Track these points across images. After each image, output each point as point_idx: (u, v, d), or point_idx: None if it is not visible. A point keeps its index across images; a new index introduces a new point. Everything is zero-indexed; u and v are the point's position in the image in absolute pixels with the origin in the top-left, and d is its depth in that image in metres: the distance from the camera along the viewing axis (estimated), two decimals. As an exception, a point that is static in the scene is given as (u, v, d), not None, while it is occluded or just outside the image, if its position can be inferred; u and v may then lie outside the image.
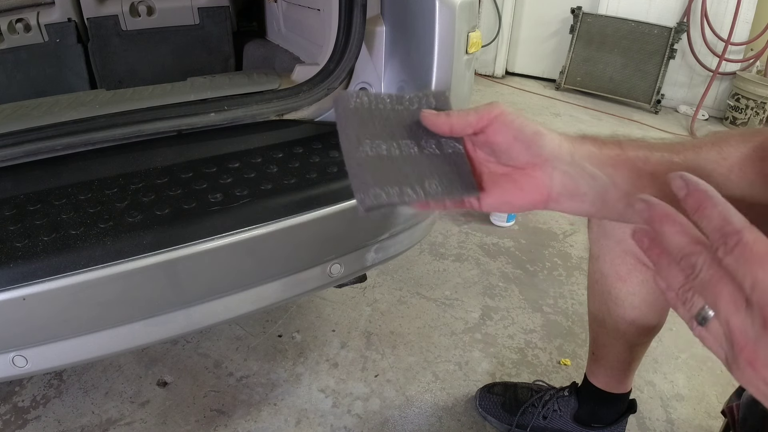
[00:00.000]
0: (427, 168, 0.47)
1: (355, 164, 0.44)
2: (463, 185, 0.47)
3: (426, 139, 0.48)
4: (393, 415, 1.20)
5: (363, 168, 0.44)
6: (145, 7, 1.62)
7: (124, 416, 1.15)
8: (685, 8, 3.44)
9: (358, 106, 0.47)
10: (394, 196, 0.44)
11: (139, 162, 0.90)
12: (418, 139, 0.48)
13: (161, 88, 1.12)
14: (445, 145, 0.48)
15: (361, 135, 0.46)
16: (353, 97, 0.47)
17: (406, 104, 0.49)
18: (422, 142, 0.48)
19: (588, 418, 1.10)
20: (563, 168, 0.45)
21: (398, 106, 0.48)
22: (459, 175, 0.47)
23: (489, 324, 1.50)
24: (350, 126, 0.46)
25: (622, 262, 0.90)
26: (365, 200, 0.43)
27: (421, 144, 0.48)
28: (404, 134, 0.48)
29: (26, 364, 0.74)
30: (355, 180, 0.44)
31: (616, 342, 0.98)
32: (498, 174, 0.48)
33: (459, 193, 0.47)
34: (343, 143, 0.45)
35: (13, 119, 0.92)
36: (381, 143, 0.46)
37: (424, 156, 0.47)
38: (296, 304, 1.51)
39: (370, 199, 0.43)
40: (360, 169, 0.44)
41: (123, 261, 0.72)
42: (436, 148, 0.48)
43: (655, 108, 3.58)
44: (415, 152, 0.47)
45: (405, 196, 0.44)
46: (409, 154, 0.47)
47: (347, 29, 1.01)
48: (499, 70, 4.22)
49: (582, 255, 1.86)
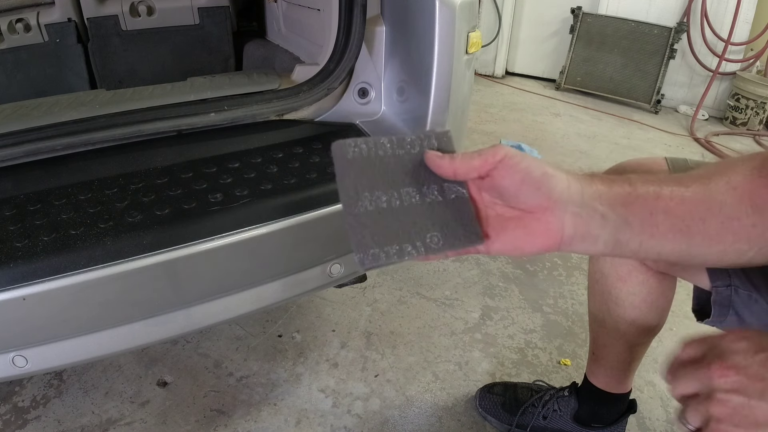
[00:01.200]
0: (429, 219, 0.46)
1: (354, 221, 0.44)
2: (467, 234, 0.46)
3: (428, 184, 0.47)
4: (393, 415, 1.20)
5: (362, 225, 0.44)
6: (145, 7, 1.62)
7: (124, 416, 1.15)
8: (685, 8, 3.44)
9: (356, 156, 0.46)
10: (393, 256, 0.43)
11: (139, 162, 0.90)
12: (419, 186, 0.47)
13: (161, 88, 1.12)
14: (448, 191, 0.47)
15: (359, 187, 0.45)
16: (351, 147, 0.46)
17: (407, 148, 0.47)
18: (424, 188, 0.47)
19: (588, 418, 1.10)
20: (574, 210, 0.44)
21: (399, 150, 0.47)
22: (462, 224, 0.46)
23: (489, 324, 1.50)
24: (348, 178, 0.45)
25: (623, 263, 0.90)
26: (364, 261, 0.43)
27: (423, 191, 0.47)
28: (405, 181, 0.46)
29: (26, 364, 0.74)
30: (354, 238, 0.44)
31: (616, 342, 0.98)
32: (506, 218, 0.47)
33: (462, 244, 0.46)
34: (341, 196, 0.45)
35: (13, 119, 0.92)
36: (381, 194, 0.45)
37: (426, 205, 0.46)
38: (296, 304, 1.51)
39: (369, 260, 0.43)
40: (359, 226, 0.44)
41: (123, 261, 0.72)
42: (438, 194, 0.47)
43: (655, 108, 3.58)
44: (417, 201, 0.46)
45: (404, 254, 0.44)
46: (411, 204, 0.46)
47: (347, 29, 1.01)
48: (499, 70, 4.22)
49: (582, 255, 1.86)
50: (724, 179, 0.46)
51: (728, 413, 0.42)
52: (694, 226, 0.45)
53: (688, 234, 0.45)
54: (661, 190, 0.46)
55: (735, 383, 0.42)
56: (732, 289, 0.73)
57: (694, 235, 0.45)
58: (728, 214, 0.45)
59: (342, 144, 0.45)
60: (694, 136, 3.23)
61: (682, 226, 0.44)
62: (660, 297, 0.91)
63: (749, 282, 0.72)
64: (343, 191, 0.45)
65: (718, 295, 0.74)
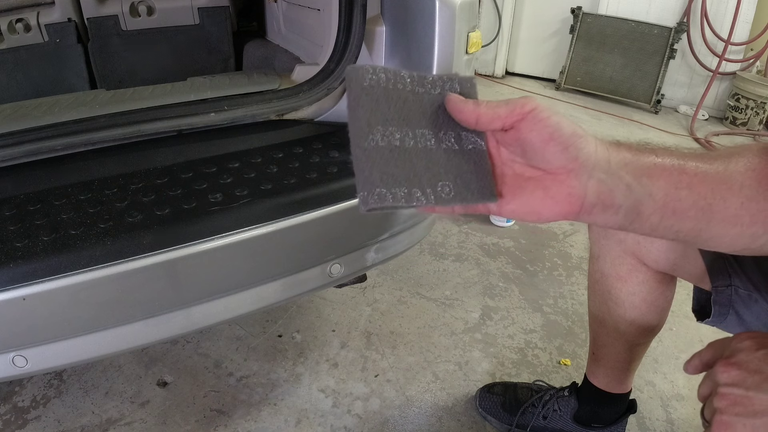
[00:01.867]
0: (443, 166, 0.42)
1: (363, 154, 0.39)
2: (480, 190, 0.42)
3: (445, 130, 0.43)
4: (393, 415, 1.20)
5: (371, 160, 0.39)
6: (145, 7, 1.62)
7: (124, 416, 1.15)
8: (685, 8, 3.44)
9: (374, 85, 0.41)
10: (401, 199, 0.39)
11: (139, 162, 0.90)
12: (436, 130, 0.43)
13: (161, 88, 1.12)
14: (465, 140, 0.43)
15: (372, 119, 0.40)
16: (368, 73, 0.41)
17: (428, 87, 0.43)
18: (440, 133, 0.43)
19: (588, 418, 1.10)
20: (600, 176, 0.41)
21: (419, 88, 0.43)
22: (477, 178, 0.42)
23: (489, 324, 1.50)
24: (362, 107, 0.40)
25: (623, 262, 0.90)
26: (368, 200, 0.38)
27: (439, 136, 0.43)
28: (422, 122, 0.42)
29: (26, 364, 0.74)
30: (361, 174, 0.39)
31: (616, 342, 0.98)
32: (525, 177, 0.43)
33: (474, 199, 0.42)
34: (351, 127, 0.40)
35: (13, 119, 0.92)
36: (394, 131, 0.41)
37: (441, 151, 0.42)
38: (296, 304, 1.51)
39: (373, 200, 0.38)
40: (367, 161, 0.39)
41: (123, 261, 0.72)
42: (455, 143, 0.43)
43: (655, 108, 3.58)
44: (431, 145, 0.42)
45: (413, 199, 0.40)
46: (425, 147, 0.42)
47: (347, 29, 1.01)
48: (499, 70, 4.22)
49: (582, 255, 1.86)
50: (744, 160, 0.45)
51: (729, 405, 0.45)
52: (716, 205, 0.44)
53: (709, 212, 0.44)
54: (686, 164, 0.44)
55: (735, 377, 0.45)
56: (732, 289, 0.73)
57: (715, 213, 0.44)
58: (747, 195, 0.44)
59: (358, 69, 0.40)
60: (694, 136, 3.23)
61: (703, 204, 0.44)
62: (660, 297, 0.91)
63: (749, 282, 0.72)
64: (354, 121, 0.40)
65: (718, 294, 0.74)
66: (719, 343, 0.51)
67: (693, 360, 0.53)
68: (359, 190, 0.39)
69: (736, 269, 0.73)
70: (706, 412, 0.48)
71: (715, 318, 0.76)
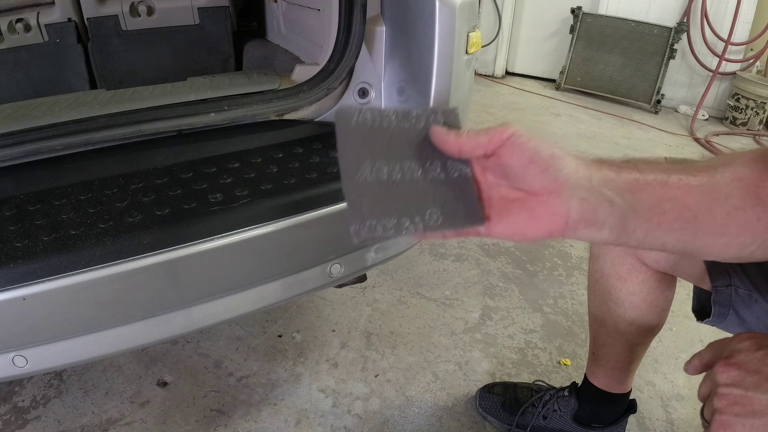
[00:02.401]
0: (430, 195, 0.44)
1: (352, 189, 0.42)
2: (467, 215, 0.45)
3: (431, 161, 0.46)
4: (393, 415, 1.20)
5: (361, 195, 0.42)
6: (145, 7, 1.62)
7: (124, 416, 1.15)
8: (685, 8, 3.44)
9: (360, 124, 0.44)
10: (390, 229, 0.42)
11: (139, 162, 0.90)
12: (422, 161, 0.45)
13: (161, 88, 1.12)
14: (451, 168, 0.46)
15: (361, 156, 0.43)
16: (355, 115, 0.44)
17: (413, 121, 0.46)
18: (427, 164, 0.45)
19: (588, 418, 1.10)
20: (581, 194, 0.43)
21: (404, 123, 0.46)
22: (463, 204, 0.45)
23: (489, 324, 1.50)
24: (350, 146, 0.43)
25: (623, 262, 0.90)
26: (360, 232, 0.42)
27: (426, 167, 0.45)
28: (408, 155, 0.45)
29: (26, 364, 0.74)
30: (351, 208, 0.42)
31: (616, 342, 0.98)
32: (510, 200, 0.45)
33: (462, 224, 0.44)
34: (341, 164, 0.43)
35: (13, 119, 0.92)
36: (382, 165, 0.44)
37: (428, 181, 0.45)
38: (296, 304, 1.51)
39: (364, 232, 0.41)
40: (358, 195, 0.42)
41: (123, 261, 0.72)
42: (441, 172, 0.45)
43: (655, 108, 3.58)
44: (418, 176, 0.45)
45: (402, 228, 0.42)
46: (412, 179, 0.44)
47: (347, 29, 1.01)
48: (499, 70, 4.22)
49: (582, 255, 1.86)
50: (730, 170, 0.46)
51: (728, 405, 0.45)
52: (701, 216, 0.44)
53: (694, 224, 0.44)
54: (669, 178, 0.45)
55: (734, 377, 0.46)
56: (732, 289, 0.73)
57: (701, 225, 0.44)
58: (734, 204, 0.44)
59: (346, 111, 0.44)
60: (694, 136, 3.23)
61: (689, 215, 0.44)
62: (660, 297, 0.91)
63: (749, 282, 0.72)
64: (344, 159, 0.43)
65: (718, 294, 0.74)
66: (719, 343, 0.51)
67: (693, 360, 0.53)
68: (351, 223, 0.42)
69: (736, 269, 0.73)
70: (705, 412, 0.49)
71: (715, 318, 0.76)
